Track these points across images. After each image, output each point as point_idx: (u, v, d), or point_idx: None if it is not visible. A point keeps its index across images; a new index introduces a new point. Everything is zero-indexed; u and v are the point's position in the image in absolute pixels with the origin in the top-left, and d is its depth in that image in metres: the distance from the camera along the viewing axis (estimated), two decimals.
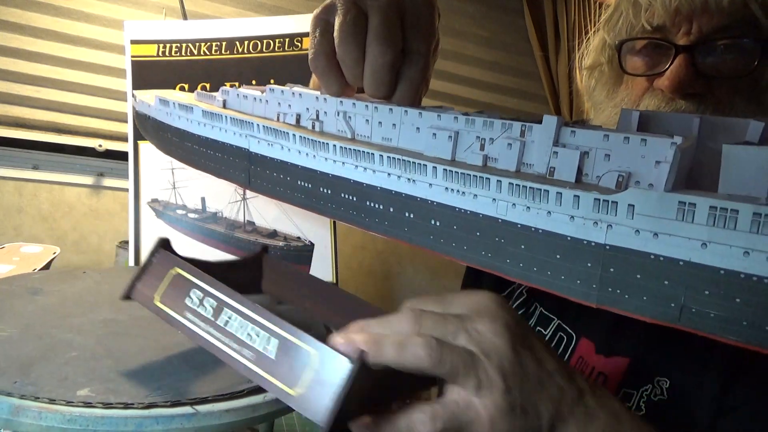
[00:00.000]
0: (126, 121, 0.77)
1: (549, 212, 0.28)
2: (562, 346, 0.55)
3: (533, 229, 0.29)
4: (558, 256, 0.29)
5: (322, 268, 0.79)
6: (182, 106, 0.50)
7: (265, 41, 0.81)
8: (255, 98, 0.46)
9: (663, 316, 0.27)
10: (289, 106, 0.43)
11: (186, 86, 0.78)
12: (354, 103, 0.39)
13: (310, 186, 0.40)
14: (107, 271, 0.51)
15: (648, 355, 0.48)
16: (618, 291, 0.27)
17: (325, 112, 0.41)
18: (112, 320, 0.40)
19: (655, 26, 0.50)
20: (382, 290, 1.61)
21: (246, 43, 0.80)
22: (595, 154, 0.29)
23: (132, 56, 0.78)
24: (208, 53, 0.80)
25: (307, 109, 0.42)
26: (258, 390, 0.32)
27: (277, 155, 0.42)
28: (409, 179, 0.34)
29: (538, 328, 0.57)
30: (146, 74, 0.78)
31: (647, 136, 0.27)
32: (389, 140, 0.37)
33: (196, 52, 0.79)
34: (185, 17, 1.06)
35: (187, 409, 0.30)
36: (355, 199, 0.37)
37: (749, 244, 0.23)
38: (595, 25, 0.59)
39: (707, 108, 0.47)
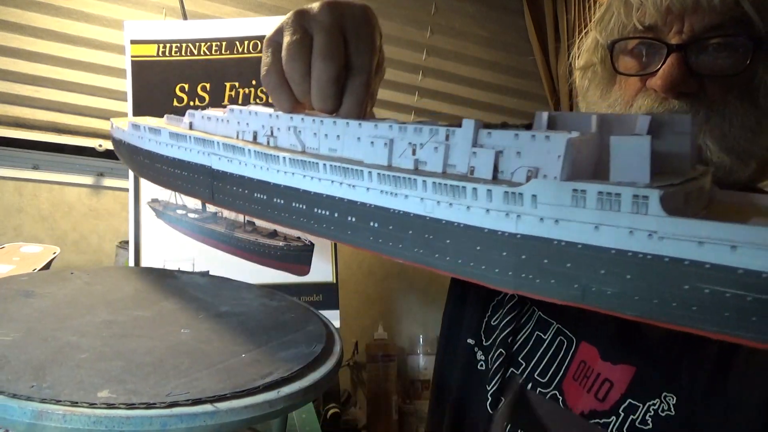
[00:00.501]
0: None
1: (468, 207, 0.31)
2: (563, 350, 0.55)
3: (456, 223, 0.32)
4: (478, 248, 0.31)
5: (322, 268, 0.79)
6: (151, 129, 0.54)
7: None
8: (218, 119, 0.50)
9: (569, 297, 0.29)
10: (247, 124, 0.47)
11: (186, 86, 0.79)
12: (303, 118, 0.42)
13: (265, 197, 0.43)
14: (94, 271, 0.52)
15: (654, 365, 0.48)
16: (530, 276, 0.30)
17: (278, 128, 0.44)
18: (112, 321, 0.40)
19: (647, 25, 0.49)
20: (382, 290, 1.61)
21: (246, 43, 0.80)
22: (508, 152, 0.32)
23: (132, 56, 0.78)
24: (208, 53, 0.80)
25: (263, 126, 0.45)
26: (273, 385, 0.33)
27: (236, 170, 0.45)
28: (349, 185, 0.37)
29: (537, 332, 0.57)
30: (146, 74, 0.78)
31: (550, 133, 0.30)
32: (335, 151, 0.40)
33: (196, 52, 0.79)
34: (185, 17, 1.06)
35: (207, 407, 0.30)
36: (304, 207, 0.40)
37: (632, 223, 0.26)
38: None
39: (701, 107, 0.47)
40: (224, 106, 0.79)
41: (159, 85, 0.78)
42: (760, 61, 0.46)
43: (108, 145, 1.30)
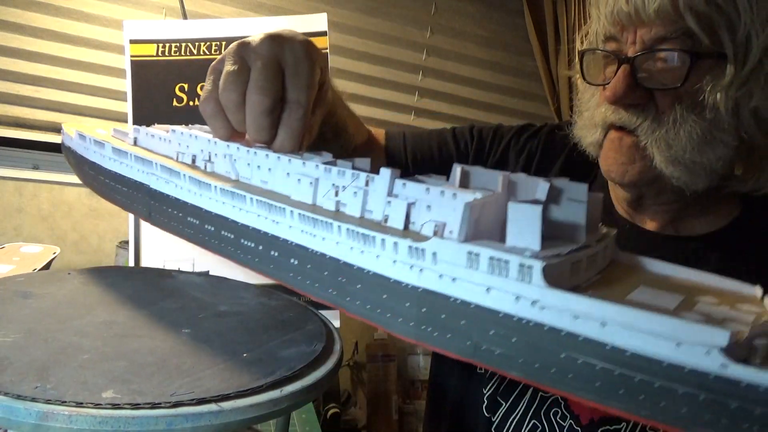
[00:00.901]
0: (126, 122, 0.77)
1: (377, 256, 0.32)
2: None
3: (366, 270, 0.33)
4: (385, 296, 0.32)
5: None
6: (96, 142, 0.54)
7: None
8: (161, 138, 0.50)
9: (463, 352, 0.30)
10: (187, 146, 0.47)
11: (186, 86, 0.79)
12: (238, 147, 0.43)
13: (197, 222, 0.44)
14: (91, 272, 0.51)
15: None
16: (429, 329, 0.31)
17: (215, 154, 0.45)
18: (112, 322, 0.40)
19: (608, 36, 0.50)
20: None
21: None
22: (419, 204, 0.32)
23: (132, 56, 0.78)
24: (208, 53, 0.80)
25: (201, 150, 0.46)
26: (276, 384, 0.33)
27: (172, 192, 0.45)
28: (273, 221, 0.38)
29: None
30: (146, 74, 0.78)
31: (457, 192, 0.31)
32: (266, 183, 0.41)
33: (195, 52, 0.79)
34: (185, 17, 1.06)
35: (212, 407, 0.30)
36: (232, 236, 0.41)
37: (518, 290, 0.27)
38: None
39: (647, 118, 0.47)
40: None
41: (159, 84, 0.78)
42: (706, 73, 0.46)
43: None
